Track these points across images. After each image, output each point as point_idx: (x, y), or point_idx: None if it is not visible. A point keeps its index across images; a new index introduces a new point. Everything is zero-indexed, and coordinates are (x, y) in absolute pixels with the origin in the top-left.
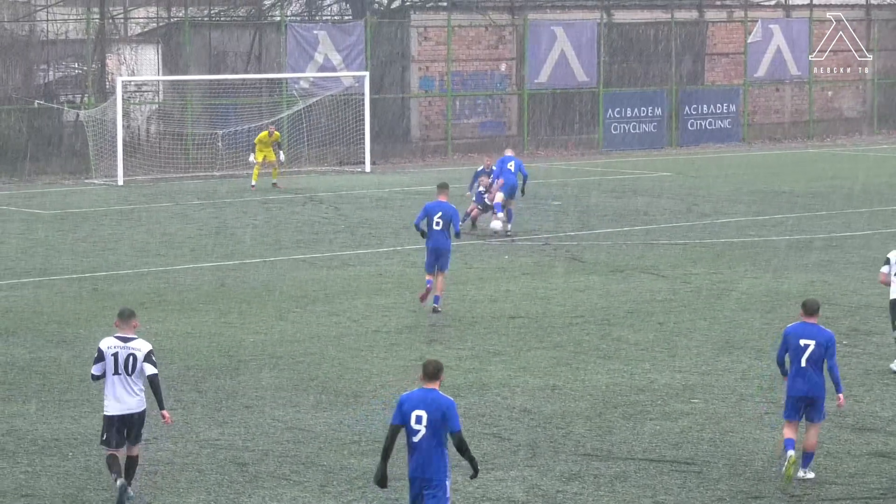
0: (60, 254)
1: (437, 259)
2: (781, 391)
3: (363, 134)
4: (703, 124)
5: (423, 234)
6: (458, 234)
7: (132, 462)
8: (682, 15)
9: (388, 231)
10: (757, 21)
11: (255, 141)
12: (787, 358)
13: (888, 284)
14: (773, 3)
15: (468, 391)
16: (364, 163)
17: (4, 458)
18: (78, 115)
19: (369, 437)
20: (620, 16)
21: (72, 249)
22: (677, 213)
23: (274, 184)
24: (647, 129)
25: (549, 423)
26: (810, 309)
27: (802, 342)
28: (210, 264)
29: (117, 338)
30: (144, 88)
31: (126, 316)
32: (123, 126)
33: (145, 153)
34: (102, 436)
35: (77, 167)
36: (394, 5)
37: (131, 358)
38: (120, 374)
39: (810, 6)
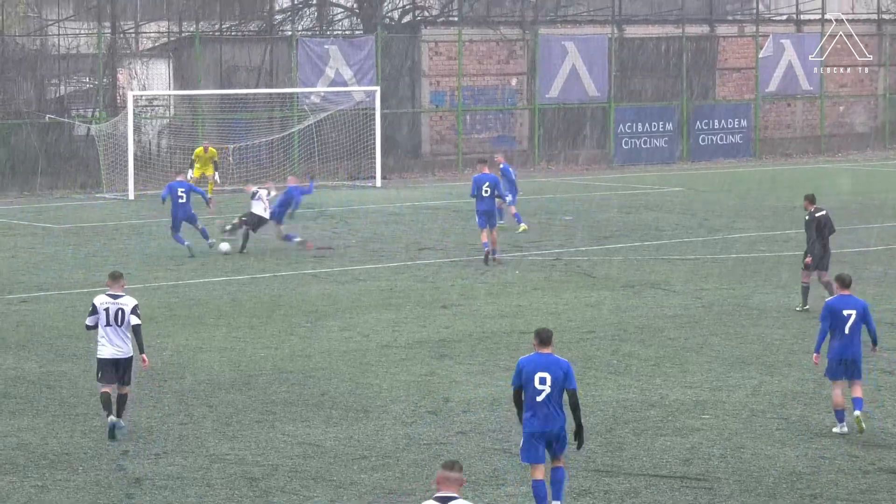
0: (72, 268)
1: (488, 219)
2: (793, 407)
3: (374, 149)
4: (715, 139)
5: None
6: (503, 199)
7: (123, 399)
8: (693, 30)
9: (398, 246)
10: (768, 36)
11: (193, 157)
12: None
13: None
14: (784, 17)
15: (479, 406)
16: (375, 177)
17: (15, 472)
18: (89, 130)
19: (379, 452)
20: (631, 31)
21: (83, 264)
22: (688, 228)
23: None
24: (658, 144)
25: None
26: (846, 282)
27: (846, 312)
28: (221, 279)
29: (108, 295)
30: (155, 103)
31: (116, 277)
32: (134, 140)
33: (156, 167)
34: (97, 374)
35: (88, 181)
36: (405, 20)
37: (120, 312)
38: (111, 326)
39: (821, 21)
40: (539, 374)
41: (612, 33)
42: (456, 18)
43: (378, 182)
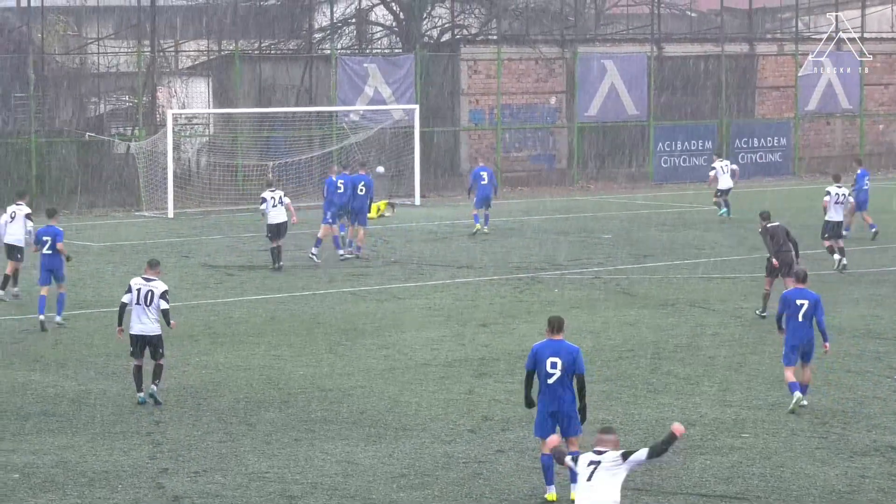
0: (111, 286)
1: (356, 216)
2: (832, 426)
3: (413, 167)
4: (754, 158)
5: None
6: (372, 200)
7: (158, 367)
8: (732, 48)
9: (437, 264)
10: (808, 54)
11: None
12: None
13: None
14: (824, 36)
15: (518, 424)
16: (414, 196)
17: (55, 490)
18: (129, 148)
19: (418, 470)
20: (671, 49)
21: (122, 282)
22: (728, 246)
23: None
24: (697, 163)
25: None
26: (801, 277)
27: (798, 302)
28: (260, 297)
29: (143, 278)
30: (195, 121)
31: (153, 264)
32: (174, 158)
33: (195, 185)
34: (130, 349)
35: (127, 199)
36: (444, 38)
37: (150, 294)
38: (141, 305)
39: (861, 39)
40: (551, 359)
41: (652, 52)
42: (495, 37)
43: (417, 200)
